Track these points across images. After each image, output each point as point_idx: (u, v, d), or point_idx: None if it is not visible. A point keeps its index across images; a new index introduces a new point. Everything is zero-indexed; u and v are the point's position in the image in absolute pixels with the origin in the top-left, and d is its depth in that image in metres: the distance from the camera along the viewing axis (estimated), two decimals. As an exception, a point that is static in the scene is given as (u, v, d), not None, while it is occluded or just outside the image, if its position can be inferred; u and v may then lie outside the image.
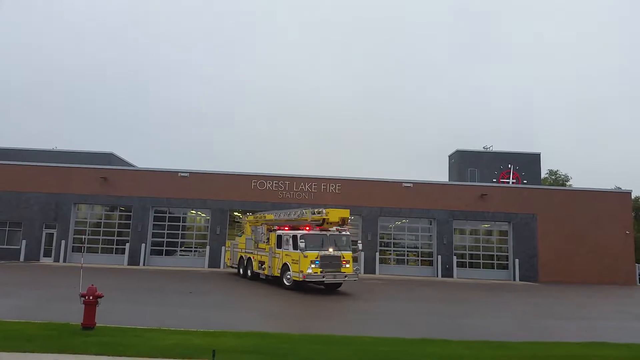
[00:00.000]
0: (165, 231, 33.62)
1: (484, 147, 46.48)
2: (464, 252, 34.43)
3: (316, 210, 20.26)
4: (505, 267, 33.99)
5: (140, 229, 32.72)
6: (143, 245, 32.42)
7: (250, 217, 26.42)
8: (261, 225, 24.22)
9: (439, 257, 33.40)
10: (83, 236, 32.40)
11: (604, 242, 33.48)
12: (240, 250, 26.07)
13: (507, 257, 34.12)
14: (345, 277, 19.62)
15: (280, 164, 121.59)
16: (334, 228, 20.29)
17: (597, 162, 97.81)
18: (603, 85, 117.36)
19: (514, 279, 32.83)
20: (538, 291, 25.84)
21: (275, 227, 22.46)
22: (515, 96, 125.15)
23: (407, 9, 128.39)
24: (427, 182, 35.40)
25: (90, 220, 34.10)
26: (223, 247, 32.49)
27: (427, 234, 34.68)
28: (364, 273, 32.71)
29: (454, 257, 33.42)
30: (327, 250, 19.43)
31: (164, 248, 33.45)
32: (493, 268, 34.03)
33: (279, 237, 21.36)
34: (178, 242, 33.86)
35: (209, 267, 32.21)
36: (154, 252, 33.21)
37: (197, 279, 23.83)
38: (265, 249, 22.82)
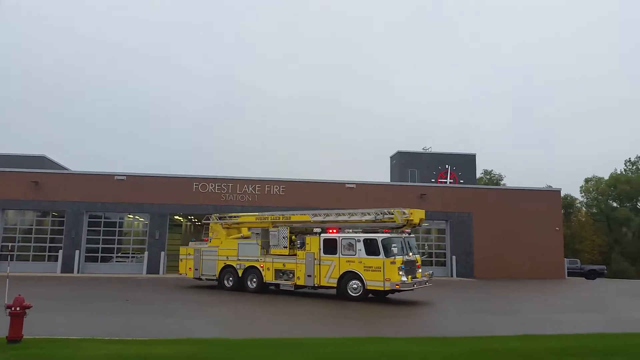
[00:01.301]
0: (101, 237, 32.29)
1: (423, 149, 47.78)
2: (406, 251, 35.23)
3: (405, 210, 18.29)
4: (444, 264, 35.05)
5: (74, 235, 31.24)
6: (77, 251, 30.97)
7: (248, 217, 22.40)
8: (277, 228, 20.62)
9: (382, 256, 33.99)
10: (10, 244, 30.51)
11: (535, 239, 35.16)
12: (224, 258, 21.44)
13: (445, 254, 35.21)
14: (426, 282, 18.39)
15: (223, 164, 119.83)
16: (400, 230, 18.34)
17: (530, 162, 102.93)
18: (537, 86, 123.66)
19: (452, 276, 33.90)
20: (474, 287, 26.80)
21: (315, 230, 19.51)
22: (454, 97, 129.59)
23: (350, 10, 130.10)
24: (369, 182, 35.96)
25: (21, 226, 32.26)
26: (163, 253, 31.57)
27: (369, 234, 35.20)
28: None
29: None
30: (408, 254, 17.84)
31: (100, 254, 32.11)
32: (432, 265, 34.99)
33: (331, 241, 18.73)
34: (114, 248, 32.59)
35: (147, 273, 31.17)
36: (89, 259, 31.81)
37: (135, 286, 23.00)
38: (285, 254, 19.94)
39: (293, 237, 20.39)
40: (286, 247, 20.11)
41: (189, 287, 22.22)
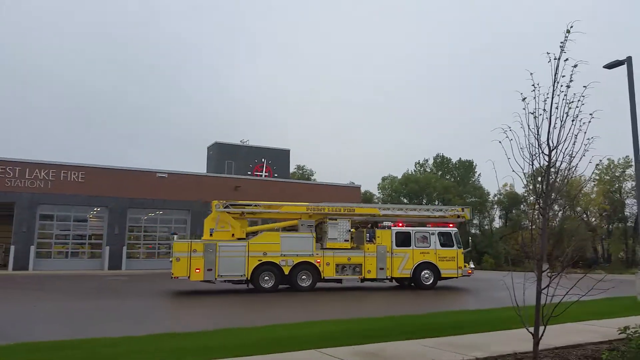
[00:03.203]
0: None
1: (241, 141, 48.10)
2: (217, 242, 35.07)
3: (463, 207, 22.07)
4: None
5: None
6: None
7: (293, 207, 20.51)
8: (336, 220, 19.47)
9: (191, 248, 33.29)
10: None
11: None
12: (259, 254, 18.42)
13: (256, 246, 35.98)
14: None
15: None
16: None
17: (339, 159, 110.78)
18: (347, 88, 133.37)
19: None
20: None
21: (382, 224, 19.98)
22: (274, 91, 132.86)
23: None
24: (182, 172, 34.93)
25: None
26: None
27: (182, 226, 34.20)
28: (108, 269, 30.54)
29: (206, 248, 33.75)
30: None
31: None
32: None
33: (404, 234, 19.97)
34: None
35: None
36: None
37: None
38: (346, 247, 19.28)
39: (353, 230, 19.90)
40: (347, 241, 19.43)
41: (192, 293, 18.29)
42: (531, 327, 5.33)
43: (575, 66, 5.06)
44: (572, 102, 5.07)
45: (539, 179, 5.51)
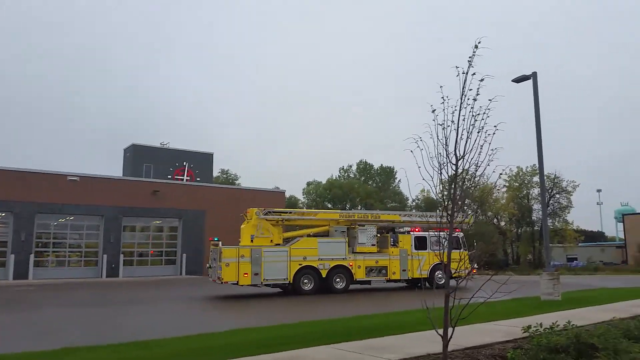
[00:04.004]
0: None
1: (161, 143, 46.49)
2: (133, 249, 33.62)
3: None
4: (174, 262, 34.67)
5: None
6: None
7: (328, 215, 22.47)
8: (364, 226, 20.99)
9: (105, 256, 31.68)
10: None
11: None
12: (299, 258, 19.42)
13: (175, 252, 34.87)
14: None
15: None
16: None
17: (265, 163, 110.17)
18: (273, 93, 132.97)
19: (181, 274, 33.78)
20: (202, 284, 27.20)
21: (397, 229, 22.20)
22: (196, 94, 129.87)
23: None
24: (96, 176, 33.19)
25: None
26: None
27: (94, 232, 32.48)
28: (13, 279, 28.38)
29: (121, 256, 32.24)
30: None
31: None
32: (161, 264, 34.26)
33: (422, 239, 21.58)
34: None
35: None
36: None
37: None
38: (373, 251, 20.88)
39: (378, 235, 21.36)
40: (374, 245, 20.96)
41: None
42: (441, 329, 5.53)
43: (482, 80, 5.34)
44: (478, 114, 5.35)
45: (447, 186, 5.76)
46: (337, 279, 20.01)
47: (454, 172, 5.53)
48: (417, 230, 21.94)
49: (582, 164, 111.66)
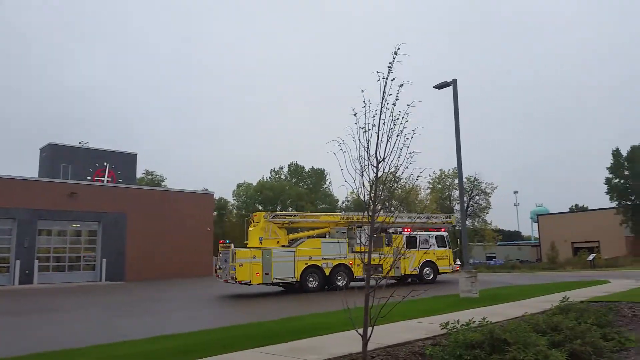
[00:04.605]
0: None
1: (80, 143, 44.08)
2: (49, 254, 31.67)
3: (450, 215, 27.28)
4: (93, 267, 33.02)
5: None
6: None
7: (330, 217, 23.80)
8: (362, 227, 18.91)
9: (18, 262, 29.61)
10: None
11: (188, 238, 36.72)
12: (305, 258, 20.78)
13: (95, 257, 33.21)
14: None
15: None
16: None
17: (193, 165, 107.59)
18: (197, 92, 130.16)
19: (101, 280, 32.21)
20: (122, 290, 26.11)
21: (394, 230, 23.07)
22: (118, 92, 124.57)
23: None
24: (7, 177, 30.96)
25: None
26: None
27: (6, 237, 30.27)
28: None
29: (36, 261, 30.27)
30: None
31: None
32: (80, 270, 32.52)
33: (412, 238, 23.76)
34: None
35: None
36: None
37: None
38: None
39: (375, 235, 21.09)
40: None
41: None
42: (361, 328, 5.61)
43: (401, 85, 5.49)
44: (398, 118, 5.50)
45: (374, 187, 5.87)
46: (339, 277, 21.37)
47: (375, 174, 5.64)
48: (408, 230, 23.59)
49: (501, 167, 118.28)
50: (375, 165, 5.62)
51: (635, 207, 55.16)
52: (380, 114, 5.50)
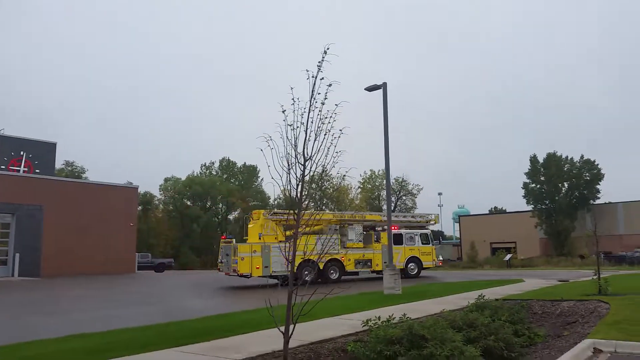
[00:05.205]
0: None
1: (-7, 130, 40.94)
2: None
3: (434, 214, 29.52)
4: (5, 262, 30.85)
5: None
6: None
7: (327, 216, 24.91)
8: (353, 225, 24.79)
9: None
10: None
11: (110, 234, 35.14)
12: (301, 253, 16.82)
13: (7, 252, 31.05)
14: None
15: None
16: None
17: (117, 157, 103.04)
18: (128, 88, 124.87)
19: (13, 275, 30.15)
20: (36, 287, 24.60)
21: (377, 228, 25.93)
22: (37, 79, 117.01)
23: None
24: None
25: None
26: None
27: None
28: None
29: (-62, 256, 27.85)
30: None
31: None
32: (-10, 265, 30.31)
33: (398, 236, 25.18)
34: None
35: None
36: None
37: None
38: (360, 247, 24.42)
39: (364, 233, 25.10)
40: (361, 241, 24.55)
41: None
42: (283, 326, 5.60)
43: (330, 85, 5.52)
44: (326, 117, 5.53)
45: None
46: (332, 271, 22.92)
47: (302, 172, 5.64)
48: (395, 228, 24.82)
49: (427, 169, 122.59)
50: (302, 163, 5.62)
51: (549, 211, 59.02)
52: (309, 112, 5.51)
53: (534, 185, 60.21)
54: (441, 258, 28.99)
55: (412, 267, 25.94)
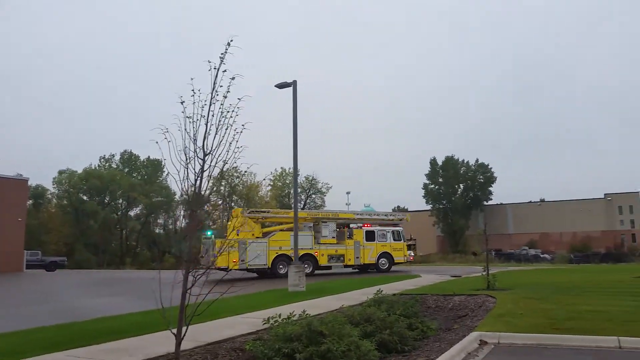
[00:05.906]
0: None
1: None
2: None
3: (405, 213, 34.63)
4: None
5: None
6: None
7: (302, 214, 26.29)
8: (327, 223, 26.42)
9: None
10: None
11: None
12: (276, 248, 24.49)
13: None
14: None
15: None
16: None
17: (5, 144, 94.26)
18: (61, 78, 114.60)
19: None
20: None
21: (350, 225, 27.62)
22: None
23: None
24: None
25: None
26: None
27: None
28: None
29: None
30: None
31: None
32: None
33: (371, 233, 27.39)
34: None
35: None
36: None
37: None
38: (334, 242, 26.12)
39: (337, 229, 26.58)
40: (334, 237, 26.12)
41: None
42: (175, 328, 5.40)
43: (232, 78, 5.40)
44: (228, 112, 5.40)
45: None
46: (306, 265, 23.06)
47: (201, 167, 5.46)
48: (367, 225, 27.50)
49: (336, 168, 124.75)
50: (202, 157, 5.44)
51: (446, 211, 62.62)
52: (210, 105, 5.34)
53: (433, 186, 63.56)
54: (412, 254, 30.56)
55: (383, 262, 27.35)
